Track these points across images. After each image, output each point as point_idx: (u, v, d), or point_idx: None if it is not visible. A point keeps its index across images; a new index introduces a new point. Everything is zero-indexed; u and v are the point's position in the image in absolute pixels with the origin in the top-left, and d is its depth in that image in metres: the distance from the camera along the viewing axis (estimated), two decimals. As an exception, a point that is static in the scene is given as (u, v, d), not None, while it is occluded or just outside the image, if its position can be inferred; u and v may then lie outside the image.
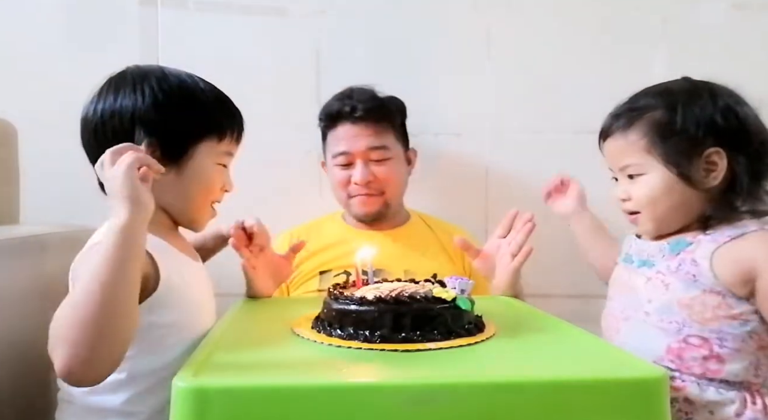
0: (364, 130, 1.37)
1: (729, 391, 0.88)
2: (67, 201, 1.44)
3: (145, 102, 0.89)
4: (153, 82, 0.90)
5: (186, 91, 0.92)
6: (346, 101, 1.38)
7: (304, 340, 0.81)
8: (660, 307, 0.93)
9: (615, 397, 0.66)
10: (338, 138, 1.39)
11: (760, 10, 1.61)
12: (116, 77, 0.94)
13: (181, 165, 0.92)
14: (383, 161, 1.38)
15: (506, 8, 1.61)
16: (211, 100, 0.94)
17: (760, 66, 1.61)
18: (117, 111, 0.89)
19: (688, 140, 0.92)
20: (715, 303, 0.89)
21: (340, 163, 1.39)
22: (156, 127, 0.89)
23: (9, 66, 1.47)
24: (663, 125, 0.93)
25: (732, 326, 0.89)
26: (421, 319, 0.79)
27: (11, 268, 1.01)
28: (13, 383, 0.99)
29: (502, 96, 1.61)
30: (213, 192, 0.97)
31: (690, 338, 0.90)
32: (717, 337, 0.89)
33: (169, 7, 1.54)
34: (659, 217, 0.96)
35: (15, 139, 1.27)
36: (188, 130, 0.91)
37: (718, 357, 0.89)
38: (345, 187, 1.40)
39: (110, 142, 0.83)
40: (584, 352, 0.79)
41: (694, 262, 0.91)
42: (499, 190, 1.59)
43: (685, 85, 0.98)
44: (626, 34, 1.62)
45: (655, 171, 0.94)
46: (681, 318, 0.90)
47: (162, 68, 0.94)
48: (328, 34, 1.59)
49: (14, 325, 0.99)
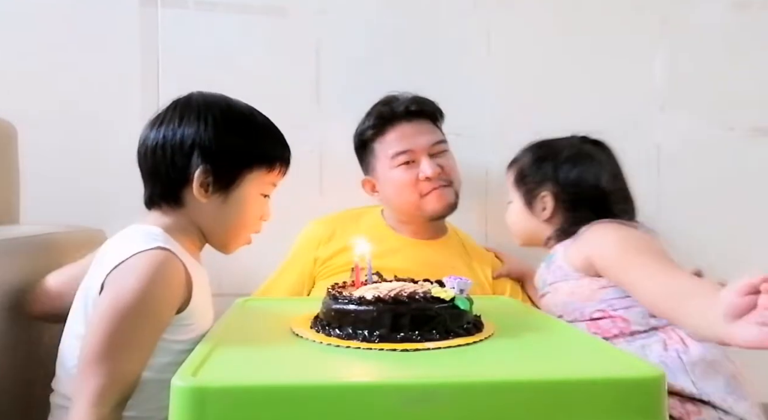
0: (421, 126, 1.38)
1: (649, 337, 1.09)
2: (67, 201, 1.44)
3: (207, 131, 0.92)
4: (217, 113, 0.93)
5: (246, 123, 0.96)
6: (395, 104, 1.38)
7: (302, 339, 0.81)
8: (562, 307, 1.17)
9: (613, 397, 0.65)
10: (395, 139, 1.37)
11: (760, 10, 1.62)
12: (182, 103, 0.96)
13: (228, 192, 0.94)
14: (443, 153, 1.39)
15: (506, 8, 1.61)
16: (267, 133, 0.98)
17: (760, 66, 1.61)
18: (180, 134, 0.92)
19: (532, 183, 1.28)
20: (585, 284, 1.15)
21: (401, 162, 1.36)
22: (213, 155, 0.92)
23: (9, 66, 1.47)
24: (521, 171, 1.31)
25: (607, 293, 1.12)
26: (420, 318, 0.79)
27: (11, 268, 1.01)
28: (12, 383, 0.99)
29: (502, 96, 1.62)
30: (251, 221, 0.99)
31: (594, 314, 1.13)
32: (606, 305, 1.12)
33: (169, 7, 1.54)
34: (520, 235, 1.33)
35: (15, 139, 1.27)
36: (242, 160, 0.95)
37: (619, 318, 1.11)
38: (414, 186, 1.36)
39: (169, 161, 0.91)
40: (582, 352, 0.79)
41: (559, 266, 1.20)
42: (499, 190, 1.59)
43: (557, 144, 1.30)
44: (626, 34, 1.62)
45: (516, 201, 1.31)
46: (575, 305, 1.15)
47: (226, 99, 0.97)
48: (328, 34, 1.58)
49: (14, 325, 0.99)
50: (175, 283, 0.84)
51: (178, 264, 0.85)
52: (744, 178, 1.64)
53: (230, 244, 1.00)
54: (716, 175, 1.63)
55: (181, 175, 0.91)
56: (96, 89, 1.51)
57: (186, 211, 0.94)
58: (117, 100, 1.51)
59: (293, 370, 0.71)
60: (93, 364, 0.78)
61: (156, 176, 0.93)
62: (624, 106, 1.63)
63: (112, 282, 0.82)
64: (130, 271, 0.82)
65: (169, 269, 0.83)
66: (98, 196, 1.47)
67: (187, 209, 0.93)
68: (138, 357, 0.81)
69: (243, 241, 1.01)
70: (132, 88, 1.52)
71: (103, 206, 1.43)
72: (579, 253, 1.16)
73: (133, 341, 0.80)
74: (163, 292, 0.82)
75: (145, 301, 0.80)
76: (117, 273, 0.82)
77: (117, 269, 0.83)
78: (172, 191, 0.93)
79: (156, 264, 0.82)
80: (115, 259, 0.84)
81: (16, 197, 1.28)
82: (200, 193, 0.91)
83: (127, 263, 0.82)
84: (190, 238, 0.95)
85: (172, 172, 0.91)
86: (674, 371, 1.03)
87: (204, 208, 0.93)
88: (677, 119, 1.63)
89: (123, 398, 0.80)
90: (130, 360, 0.80)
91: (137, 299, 0.79)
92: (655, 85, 1.64)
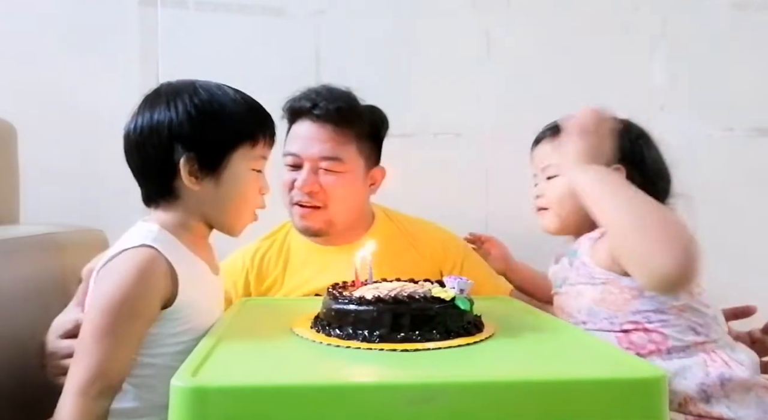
0: (321, 133, 1.21)
1: (689, 356, 0.95)
2: (67, 201, 1.44)
3: (179, 118, 0.91)
4: (186, 99, 0.92)
5: (217, 103, 0.94)
6: (312, 96, 1.23)
7: (302, 339, 0.81)
8: (587, 313, 1.00)
9: (614, 397, 0.65)
10: (294, 136, 1.25)
11: (760, 10, 1.62)
12: (151, 95, 0.96)
13: (218, 175, 0.94)
14: (334, 174, 1.21)
15: (506, 8, 1.61)
16: (242, 108, 0.96)
17: (760, 66, 1.61)
18: (154, 127, 0.91)
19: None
20: (617, 290, 0.97)
21: (288, 163, 1.24)
22: (192, 141, 0.91)
23: (9, 66, 1.48)
24: None
25: (643, 303, 0.96)
26: (420, 318, 0.78)
27: (11, 268, 1.01)
28: (13, 383, 0.99)
29: (502, 96, 1.62)
30: (250, 197, 0.99)
31: (624, 326, 0.97)
32: (641, 317, 0.96)
33: (169, 7, 1.54)
34: (564, 216, 1.08)
35: (15, 139, 1.27)
36: (223, 141, 0.94)
37: (655, 331, 0.96)
38: (289, 190, 1.24)
39: (151, 157, 0.90)
40: (583, 352, 0.78)
41: (584, 263, 1.01)
42: (499, 190, 1.59)
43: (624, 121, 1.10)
44: (626, 34, 1.62)
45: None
46: (604, 314, 0.98)
47: (194, 83, 0.96)
48: (328, 34, 1.59)
49: (14, 325, 0.99)
50: (153, 280, 0.85)
51: (160, 261, 0.86)
52: (744, 178, 1.64)
53: (236, 224, 0.99)
54: (716, 175, 1.63)
55: (168, 168, 0.91)
56: (96, 89, 1.51)
57: (183, 202, 0.93)
58: (117, 100, 1.51)
59: (293, 370, 0.71)
60: (79, 356, 0.83)
61: (145, 174, 0.93)
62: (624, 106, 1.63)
63: (98, 279, 0.87)
64: (113, 269, 0.85)
65: (148, 266, 0.85)
66: (98, 196, 1.47)
67: (184, 200, 0.93)
68: (121, 351, 0.83)
69: (248, 218, 1.00)
70: (132, 88, 1.51)
71: (103, 206, 1.44)
72: (605, 247, 0.99)
73: (114, 336, 0.82)
74: (140, 289, 0.84)
75: (124, 298, 0.83)
76: (103, 271, 0.86)
77: (104, 267, 0.87)
78: (165, 186, 0.93)
79: (136, 262, 0.84)
80: (106, 258, 0.88)
81: (16, 197, 1.28)
82: (191, 181, 0.91)
83: (113, 261, 0.86)
84: (192, 231, 0.95)
85: (158, 166, 0.91)
86: (715, 399, 0.94)
87: (200, 195, 0.92)
88: (677, 119, 1.63)
89: (107, 389, 0.83)
90: (112, 354, 0.82)
91: (116, 296, 0.83)
92: (655, 85, 1.64)
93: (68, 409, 0.80)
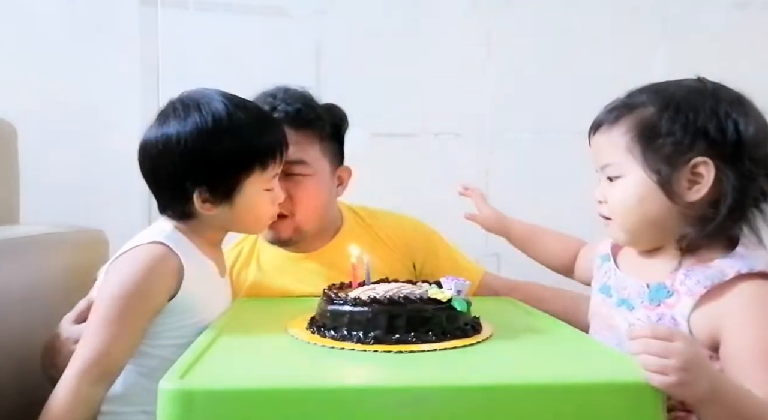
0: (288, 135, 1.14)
1: None
2: (67, 201, 1.44)
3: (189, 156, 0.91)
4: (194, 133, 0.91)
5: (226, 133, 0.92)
6: (269, 99, 1.15)
7: (297, 341, 0.80)
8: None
9: (611, 401, 0.65)
10: None
11: (760, 10, 1.61)
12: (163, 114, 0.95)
13: (232, 200, 0.94)
14: (299, 177, 1.14)
15: (506, 8, 1.61)
16: (249, 131, 0.94)
17: (760, 66, 1.61)
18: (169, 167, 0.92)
19: (674, 145, 0.81)
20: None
21: None
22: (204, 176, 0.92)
23: (9, 66, 1.48)
24: (649, 124, 0.83)
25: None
26: (416, 320, 0.78)
27: (11, 268, 1.02)
28: (13, 383, 0.99)
29: (502, 96, 1.61)
30: (265, 212, 1.00)
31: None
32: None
33: (169, 7, 1.55)
34: (631, 229, 0.87)
35: (15, 139, 1.27)
36: (234, 170, 0.94)
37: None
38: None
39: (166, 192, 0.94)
40: (581, 355, 0.78)
41: (674, 320, 0.81)
42: (499, 190, 1.59)
43: (692, 85, 0.86)
44: (626, 34, 1.62)
45: (632, 174, 0.84)
46: None
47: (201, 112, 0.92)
48: (328, 34, 1.59)
49: (14, 325, 0.99)
50: (162, 274, 0.88)
51: (170, 257, 0.89)
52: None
53: (254, 230, 1.06)
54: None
55: (182, 198, 0.92)
56: (96, 89, 1.52)
57: (198, 221, 0.95)
58: (117, 100, 1.52)
59: (283, 373, 0.70)
60: (84, 340, 0.85)
61: (162, 199, 0.96)
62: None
63: (109, 271, 0.89)
64: (125, 262, 0.88)
65: (158, 261, 0.88)
66: (98, 196, 1.48)
67: (200, 219, 0.95)
68: (124, 340, 0.86)
69: (266, 224, 1.04)
70: (132, 88, 1.52)
71: (103, 206, 1.44)
72: (710, 327, 0.78)
73: (120, 325, 0.85)
74: (149, 282, 0.87)
75: (134, 289, 0.86)
76: (115, 264, 0.89)
77: (116, 261, 0.90)
78: (179, 209, 0.94)
79: (147, 257, 0.87)
80: (118, 253, 0.91)
81: (16, 197, 1.28)
82: (205, 209, 0.93)
83: (125, 255, 0.89)
84: (205, 236, 0.97)
85: (173, 197, 0.93)
86: None
87: (215, 217, 0.94)
88: (678, 119, 1.63)
89: (105, 375, 0.84)
90: (116, 341, 0.84)
91: (125, 287, 0.85)
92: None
93: (64, 391, 0.82)
